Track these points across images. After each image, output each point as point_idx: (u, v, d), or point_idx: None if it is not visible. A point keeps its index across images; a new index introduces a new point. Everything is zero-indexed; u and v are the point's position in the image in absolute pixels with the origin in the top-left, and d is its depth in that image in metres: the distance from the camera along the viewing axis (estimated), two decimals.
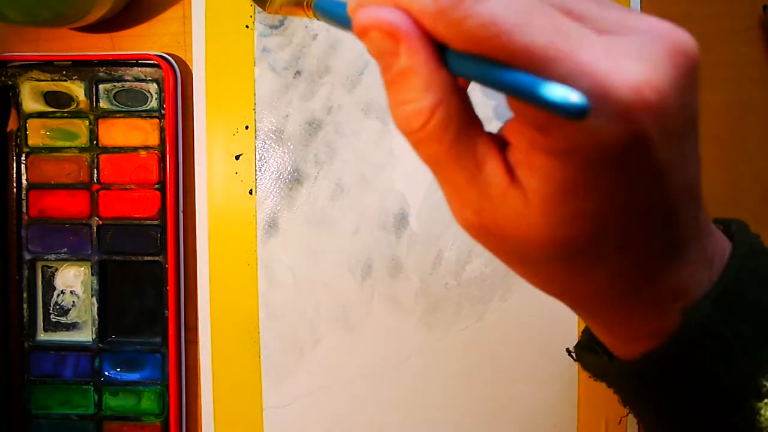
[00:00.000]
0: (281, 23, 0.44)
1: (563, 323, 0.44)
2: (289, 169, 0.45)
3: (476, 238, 0.22)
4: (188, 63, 0.45)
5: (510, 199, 0.20)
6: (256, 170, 0.45)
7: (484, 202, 0.20)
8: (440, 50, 0.20)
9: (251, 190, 0.45)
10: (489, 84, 0.18)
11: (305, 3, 0.32)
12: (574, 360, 0.29)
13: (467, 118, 0.20)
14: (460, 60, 0.19)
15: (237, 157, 0.45)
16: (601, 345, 0.26)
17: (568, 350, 0.30)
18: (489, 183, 0.20)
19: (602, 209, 0.19)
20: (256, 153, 0.45)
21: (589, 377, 0.27)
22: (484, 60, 0.18)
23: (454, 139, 0.20)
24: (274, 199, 0.45)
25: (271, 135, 0.45)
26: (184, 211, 0.46)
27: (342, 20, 0.24)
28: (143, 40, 0.46)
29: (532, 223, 0.20)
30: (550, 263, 0.21)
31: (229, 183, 0.45)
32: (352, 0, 0.21)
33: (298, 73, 0.45)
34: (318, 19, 0.29)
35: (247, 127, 0.45)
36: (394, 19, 0.19)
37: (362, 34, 0.20)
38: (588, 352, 0.27)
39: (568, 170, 0.18)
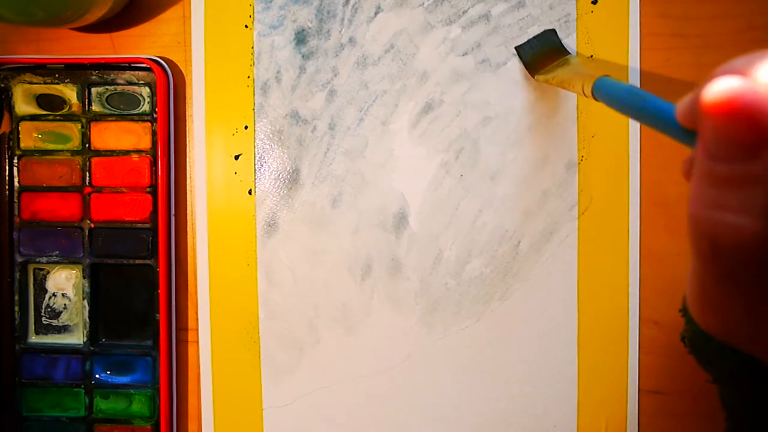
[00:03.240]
0: (281, 23, 0.45)
1: (563, 323, 0.44)
2: (288, 169, 0.45)
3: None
4: (188, 63, 0.45)
5: None
6: (255, 170, 0.45)
7: None
8: None
9: (251, 190, 0.45)
10: None
11: (582, 89, 0.32)
12: (689, 353, 0.26)
13: None
14: None
15: (236, 157, 0.45)
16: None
17: (682, 337, 0.26)
18: None
19: None
20: (256, 153, 0.45)
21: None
22: None
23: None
24: (274, 199, 0.45)
25: (271, 135, 0.45)
26: (176, 215, 0.46)
27: (633, 107, 0.24)
28: (143, 40, 0.46)
29: None
30: None
31: (229, 183, 0.45)
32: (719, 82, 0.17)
33: (297, 72, 0.45)
34: (598, 100, 0.30)
35: (246, 127, 0.45)
36: None
37: (721, 110, 0.16)
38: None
39: None
